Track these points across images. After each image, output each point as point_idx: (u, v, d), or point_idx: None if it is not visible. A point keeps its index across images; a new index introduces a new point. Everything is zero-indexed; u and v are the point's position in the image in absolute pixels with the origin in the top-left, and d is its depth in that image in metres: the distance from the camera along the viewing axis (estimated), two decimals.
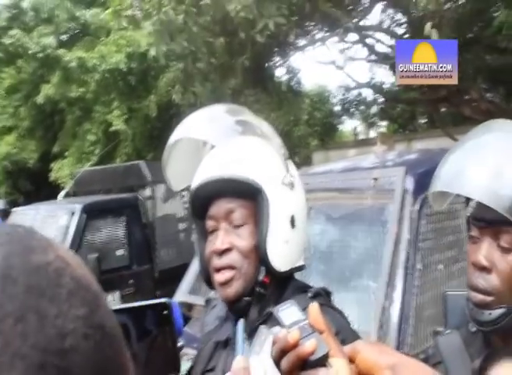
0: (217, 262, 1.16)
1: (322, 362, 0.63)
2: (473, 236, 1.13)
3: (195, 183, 1.21)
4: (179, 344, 1.36)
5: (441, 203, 1.29)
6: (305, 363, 0.63)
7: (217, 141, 1.28)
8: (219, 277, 1.16)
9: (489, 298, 1.07)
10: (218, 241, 1.16)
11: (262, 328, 1.14)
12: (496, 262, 1.07)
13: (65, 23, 12.10)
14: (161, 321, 0.74)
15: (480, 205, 1.09)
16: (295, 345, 0.63)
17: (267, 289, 1.18)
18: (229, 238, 1.16)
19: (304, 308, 1.14)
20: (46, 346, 0.38)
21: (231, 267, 1.15)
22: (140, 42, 9.07)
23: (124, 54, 10.61)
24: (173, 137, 1.34)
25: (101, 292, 0.48)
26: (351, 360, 0.66)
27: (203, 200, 1.21)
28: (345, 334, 1.09)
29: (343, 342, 0.70)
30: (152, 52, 6.99)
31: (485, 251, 1.09)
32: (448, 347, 1.19)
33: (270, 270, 1.17)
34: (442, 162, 1.19)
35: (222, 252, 1.15)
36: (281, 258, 1.17)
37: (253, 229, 1.17)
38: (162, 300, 0.74)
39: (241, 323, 1.00)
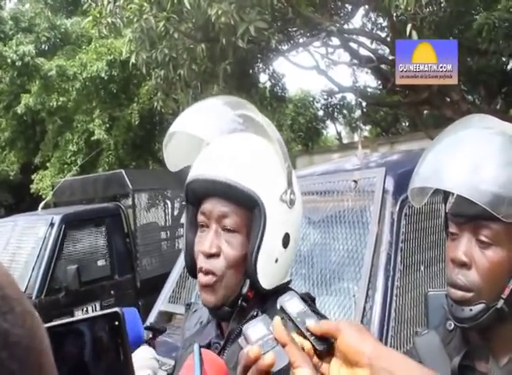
0: (202, 263, 1.11)
1: (284, 373, 0.64)
2: (452, 232, 1.12)
3: (192, 173, 1.16)
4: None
5: (420, 200, 1.27)
6: None
7: (212, 139, 1.20)
8: (202, 278, 1.11)
9: (469, 295, 1.06)
10: (207, 243, 1.11)
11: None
12: (476, 258, 1.06)
13: (46, 32, 11.98)
14: (112, 333, 0.67)
15: (459, 200, 1.08)
16: (256, 360, 0.64)
17: (249, 303, 1.13)
18: (218, 242, 1.11)
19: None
20: None
21: (213, 274, 1.10)
22: (121, 50, 9.01)
23: (105, 62, 10.54)
24: (172, 128, 1.26)
25: (19, 298, 0.41)
26: (332, 337, 0.69)
27: (197, 192, 1.15)
28: None
29: None
30: (132, 59, 6.95)
31: (465, 247, 1.07)
32: (426, 347, 1.17)
33: (254, 285, 1.11)
34: (421, 159, 1.17)
35: (210, 256, 1.11)
36: (268, 277, 1.12)
37: (244, 239, 1.11)
38: (113, 310, 0.67)
39: (197, 347, 0.97)
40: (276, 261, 1.12)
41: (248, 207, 1.10)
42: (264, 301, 1.16)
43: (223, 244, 1.11)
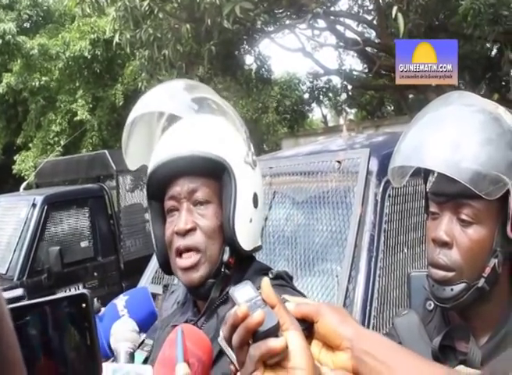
0: (180, 243, 1.12)
1: (272, 333, 0.62)
2: (432, 212, 1.11)
3: (153, 162, 1.15)
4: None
5: (400, 180, 1.26)
6: (255, 336, 0.62)
7: (179, 113, 1.24)
8: (183, 262, 1.12)
9: (451, 274, 1.05)
10: (181, 221, 1.11)
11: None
12: (457, 237, 1.05)
13: (27, 10, 11.74)
14: (79, 315, 0.64)
15: (439, 179, 1.07)
16: (244, 319, 0.62)
17: (231, 270, 1.15)
18: (192, 218, 1.12)
19: None
20: None
21: (195, 249, 1.11)
22: (104, 28, 8.88)
23: (88, 41, 10.38)
24: (133, 114, 1.28)
25: None
26: (312, 320, 0.67)
27: (161, 180, 1.15)
28: None
29: None
30: (116, 39, 6.86)
31: (446, 226, 1.06)
32: (406, 327, 1.16)
33: (235, 250, 1.13)
34: (402, 137, 1.16)
35: (186, 233, 1.11)
36: (247, 237, 1.15)
37: (217, 208, 1.13)
38: (80, 291, 0.65)
39: (180, 331, 0.96)
40: (251, 220, 1.16)
41: (216, 176, 1.13)
42: (243, 268, 1.18)
43: (197, 218, 1.13)
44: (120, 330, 1.23)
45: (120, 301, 1.32)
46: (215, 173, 1.12)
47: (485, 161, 1.01)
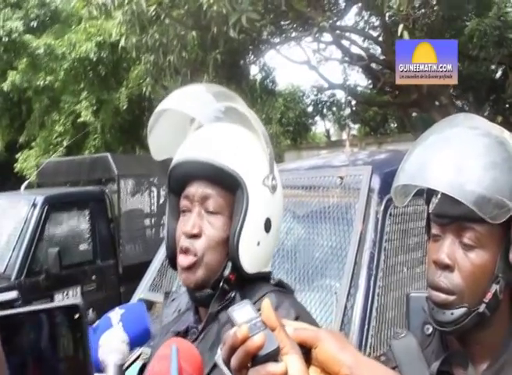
0: (183, 242, 1.13)
1: (272, 357, 0.61)
2: (434, 234, 1.10)
3: (175, 159, 1.18)
4: (138, 352, 1.27)
5: (402, 200, 1.26)
6: (254, 359, 0.61)
7: (205, 121, 1.24)
8: (182, 260, 1.13)
9: (452, 298, 1.04)
10: (190, 224, 1.13)
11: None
12: (459, 260, 1.04)
13: (35, 9, 11.76)
14: (71, 327, 0.62)
15: (443, 200, 1.07)
16: (244, 341, 0.61)
17: (231, 286, 1.15)
18: (200, 223, 1.13)
19: (266, 294, 1.12)
20: None
21: (194, 253, 1.13)
22: (110, 31, 8.91)
23: (94, 43, 10.40)
24: (161, 106, 1.27)
25: None
26: (311, 346, 0.65)
27: (180, 178, 1.18)
28: (305, 320, 1.05)
29: None
30: (122, 42, 6.88)
31: (448, 248, 1.05)
32: (403, 350, 1.15)
33: (237, 268, 1.13)
34: (406, 156, 1.15)
35: (191, 236, 1.13)
36: (250, 258, 1.14)
37: (226, 220, 1.14)
38: (73, 302, 0.63)
39: (174, 348, 0.96)
40: (258, 244, 1.15)
41: (231, 189, 1.13)
42: (245, 286, 1.17)
43: (205, 225, 1.14)
44: (109, 340, 1.17)
45: (115, 315, 1.25)
46: (230, 185, 1.13)
47: (490, 184, 1.01)
